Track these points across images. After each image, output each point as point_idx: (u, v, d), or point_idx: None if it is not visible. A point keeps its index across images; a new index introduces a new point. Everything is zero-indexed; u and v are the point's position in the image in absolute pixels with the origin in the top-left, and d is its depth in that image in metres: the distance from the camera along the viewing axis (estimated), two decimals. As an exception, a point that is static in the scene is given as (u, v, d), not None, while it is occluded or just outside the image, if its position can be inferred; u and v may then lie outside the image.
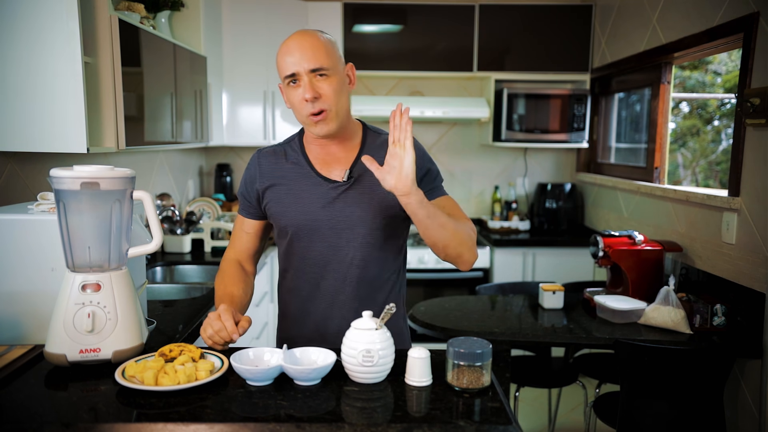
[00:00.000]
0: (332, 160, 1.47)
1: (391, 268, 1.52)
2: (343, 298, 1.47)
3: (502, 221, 3.97)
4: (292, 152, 1.50)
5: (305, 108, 1.36)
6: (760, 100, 2.11)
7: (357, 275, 1.46)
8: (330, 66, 1.36)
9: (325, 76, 1.36)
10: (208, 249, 3.08)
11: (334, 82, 1.37)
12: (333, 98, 1.37)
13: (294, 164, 1.48)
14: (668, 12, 2.88)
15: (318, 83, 1.36)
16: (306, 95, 1.34)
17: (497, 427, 1.04)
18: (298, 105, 1.37)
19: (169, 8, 2.64)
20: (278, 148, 1.52)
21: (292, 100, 1.39)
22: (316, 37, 1.37)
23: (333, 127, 1.39)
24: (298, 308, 1.52)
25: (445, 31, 3.75)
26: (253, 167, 1.51)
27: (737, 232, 2.30)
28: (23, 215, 1.44)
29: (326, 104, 1.36)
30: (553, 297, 2.45)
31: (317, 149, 1.48)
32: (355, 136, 1.49)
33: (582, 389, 2.66)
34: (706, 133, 4.69)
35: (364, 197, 1.44)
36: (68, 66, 1.73)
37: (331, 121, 1.38)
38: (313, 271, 1.47)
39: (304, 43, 1.36)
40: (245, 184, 1.53)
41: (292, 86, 1.38)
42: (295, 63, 1.35)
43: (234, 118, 3.54)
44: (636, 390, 2.04)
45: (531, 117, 3.77)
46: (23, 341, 1.43)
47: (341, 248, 1.45)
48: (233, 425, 1.03)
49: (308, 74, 1.35)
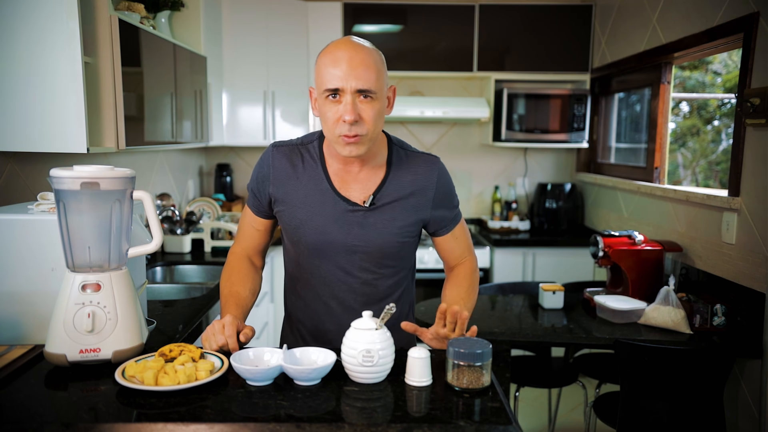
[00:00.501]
0: (352, 180, 1.39)
1: (403, 282, 1.52)
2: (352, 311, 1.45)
3: (502, 221, 3.97)
4: (311, 160, 1.40)
5: (340, 128, 1.26)
6: (760, 100, 2.11)
7: (365, 293, 1.45)
8: (377, 89, 1.27)
9: (370, 99, 1.26)
10: (208, 249, 3.08)
11: (376, 107, 1.28)
12: (372, 124, 1.27)
13: (311, 176, 1.39)
14: (668, 12, 2.88)
15: (361, 105, 1.26)
16: (346, 117, 1.24)
17: (497, 427, 1.04)
18: (333, 122, 1.27)
19: (169, 8, 2.64)
20: (295, 150, 1.42)
21: (327, 115, 1.27)
22: (369, 54, 1.27)
23: (362, 152, 1.30)
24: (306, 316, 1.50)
25: (445, 31, 3.75)
26: (267, 166, 1.42)
27: (737, 232, 2.30)
28: (23, 215, 1.44)
29: (364, 130, 1.27)
30: (553, 297, 2.45)
31: (337, 165, 1.39)
32: (379, 155, 1.40)
33: (582, 389, 2.66)
34: (706, 133, 4.69)
35: (384, 224, 1.39)
36: (68, 66, 1.73)
37: (363, 146, 1.29)
38: (323, 287, 1.45)
39: (356, 59, 1.24)
40: (257, 181, 1.44)
41: (331, 100, 1.26)
42: (341, 78, 1.23)
43: (234, 118, 3.54)
44: (636, 390, 2.04)
45: (531, 117, 3.77)
46: (23, 341, 1.43)
47: (352, 270, 1.43)
48: (233, 425, 1.03)
49: (353, 94, 1.24)
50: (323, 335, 1.48)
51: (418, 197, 1.42)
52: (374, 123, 1.28)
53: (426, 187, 1.42)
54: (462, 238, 1.52)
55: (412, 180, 1.41)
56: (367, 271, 1.43)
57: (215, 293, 2.24)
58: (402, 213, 1.40)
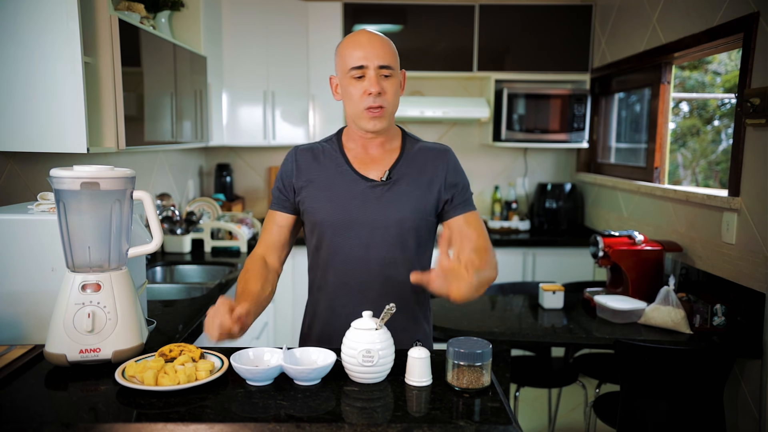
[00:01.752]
0: (370, 161, 1.50)
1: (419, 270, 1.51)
2: (372, 297, 1.46)
3: (502, 221, 3.97)
4: (331, 150, 1.52)
5: (365, 101, 1.40)
6: (760, 100, 2.11)
7: (386, 275, 1.47)
8: (395, 66, 1.43)
9: (390, 77, 1.42)
10: (208, 249, 3.08)
11: (395, 84, 1.44)
12: (392, 98, 1.43)
13: (332, 161, 1.50)
14: (668, 12, 2.88)
15: (383, 81, 1.41)
16: (372, 89, 1.39)
17: (497, 427, 1.04)
18: (359, 98, 1.41)
19: (169, 8, 2.64)
20: (316, 146, 1.54)
21: (352, 93, 1.42)
22: (387, 40, 1.45)
23: (384, 125, 1.44)
24: (327, 306, 1.51)
25: (445, 31, 3.75)
26: (290, 163, 1.52)
27: (737, 232, 2.30)
28: (23, 215, 1.44)
29: (386, 102, 1.41)
30: (553, 297, 2.45)
31: (357, 149, 1.51)
32: (394, 140, 1.53)
33: (582, 389, 2.66)
34: (706, 133, 4.69)
35: (401, 198, 1.46)
36: (68, 66, 1.73)
37: (385, 119, 1.44)
38: (343, 268, 1.48)
39: (375, 41, 1.42)
40: (282, 180, 1.53)
41: (356, 79, 1.41)
42: (365, 57, 1.39)
43: (234, 118, 3.54)
44: (636, 390, 2.04)
45: (531, 117, 3.77)
46: (23, 341, 1.43)
47: (373, 247, 1.46)
48: (233, 425, 1.03)
49: (376, 70, 1.40)
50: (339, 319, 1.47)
51: (432, 176, 1.50)
52: (394, 97, 1.44)
53: (438, 167, 1.51)
54: (477, 226, 1.52)
55: (424, 162, 1.51)
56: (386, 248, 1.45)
57: (215, 293, 2.24)
58: (418, 189, 1.47)
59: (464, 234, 1.50)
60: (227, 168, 3.97)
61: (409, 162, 1.50)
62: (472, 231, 1.51)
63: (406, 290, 1.49)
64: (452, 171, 1.52)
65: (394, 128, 1.54)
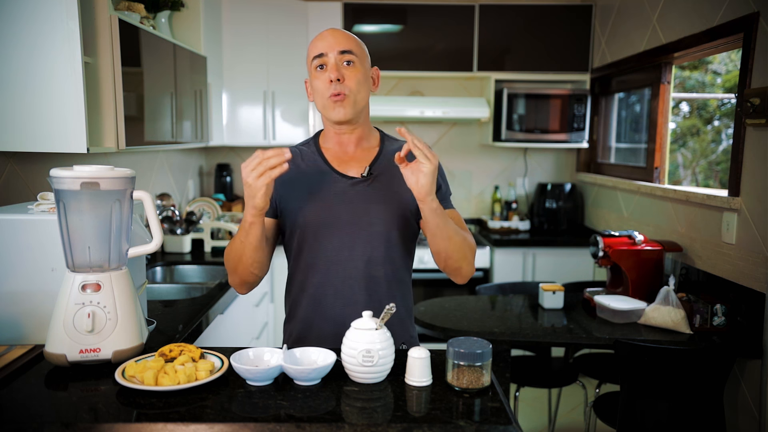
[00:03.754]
0: (349, 159, 1.49)
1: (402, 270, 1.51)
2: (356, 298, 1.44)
3: (502, 221, 3.97)
4: (309, 152, 1.51)
5: (328, 89, 1.39)
6: (760, 100, 2.11)
7: (371, 274, 1.44)
8: (357, 53, 1.42)
9: (352, 64, 1.41)
10: (208, 249, 3.08)
11: (358, 73, 1.41)
12: (355, 85, 1.41)
13: (311, 163, 1.48)
14: (668, 12, 2.88)
15: (343, 69, 1.40)
16: (331, 75, 1.38)
17: (497, 427, 1.04)
18: (323, 88, 1.40)
19: (169, 8, 2.64)
20: (294, 150, 1.51)
21: (317, 86, 1.41)
22: (349, 33, 1.46)
23: (349, 113, 1.42)
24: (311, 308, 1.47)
25: (445, 31, 3.75)
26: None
27: (737, 232, 2.30)
28: (23, 215, 1.44)
29: (347, 88, 1.40)
30: (553, 297, 2.45)
31: (335, 148, 1.50)
32: (372, 140, 1.53)
33: (582, 389, 2.66)
34: (706, 133, 4.69)
35: (381, 195, 1.45)
36: (68, 66, 1.73)
37: (349, 107, 1.41)
38: (326, 268, 1.44)
39: (337, 32, 1.43)
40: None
41: (319, 71, 1.41)
42: (326, 45, 1.40)
43: (234, 118, 3.54)
44: (636, 390, 2.04)
45: (531, 117, 3.77)
46: (23, 341, 1.43)
47: (356, 245, 1.43)
48: (233, 425, 1.03)
49: (336, 56, 1.39)
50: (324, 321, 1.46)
51: None
52: (356, 85, 1.41)
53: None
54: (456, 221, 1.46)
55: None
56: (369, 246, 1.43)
57: (215, 293, 2.24)
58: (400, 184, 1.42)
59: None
60: (227, 168, 3.97)
61: (389, 158, 1.48)
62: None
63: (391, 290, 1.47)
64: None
65: (369, 127, 1.52)
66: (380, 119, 3.80)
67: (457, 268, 1.42)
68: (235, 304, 2.48)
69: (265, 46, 3.57)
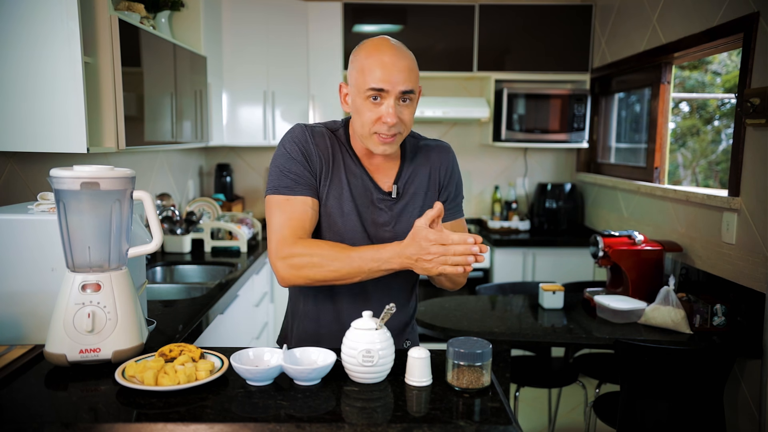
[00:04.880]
0: (375, 169, 1.41)
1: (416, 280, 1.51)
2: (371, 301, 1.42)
3: (502, 221, 3.97)
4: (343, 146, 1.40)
5: (378, 127, 1.29)
6: (760, 100, 2.11)
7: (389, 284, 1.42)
8: (416, 91, 1.33)
9: (409, 102, 1.31)
10: (208, 249, 3.08)
11: (413, 108, 1.33)
12: (409, 125, 1.33)
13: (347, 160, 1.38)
14: (668, 12, 2.88)
15: (401, 108, 1.30)
16: (389, 119, 1.27)
17: (497, 427, 1.04)
18: (371, 122, 1.29)
19: (169, 8, 2.64)
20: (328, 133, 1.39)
21: (365, 113, 1.30)
22: (410, 58, 1.32)
23: (395, 150, 1.35)
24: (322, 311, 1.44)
25: (445, 31, 3.75)
26: (307, 143, 1.35)
27: (737, 232, 2.30)
28: (23, 215, 1.44)
29: (402, 128, 1.32)
30: (553, 297, 2.45)
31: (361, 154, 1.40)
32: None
33: (582, 389, 2.66)
34: (706, 133, 4.69)
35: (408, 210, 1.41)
36: (68, 66, 1.73)
37: (396, 145, 1.34)
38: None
39: (401, 62, 1.28)
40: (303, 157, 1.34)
41: (372, 101, 1.29)
42: (388, 81, 1.27)
43: (234, 118, 3.54)
44: (636, 390, 2.04)
45: (531, 117, 3.77)
46: (23, 341, 1.43)
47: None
48: (233, 425, 1.03)
49: (397, 96, 1.28)
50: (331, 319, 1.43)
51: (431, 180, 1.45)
52: (410, 123, 1.34)
53: (436, 170, 1.45)
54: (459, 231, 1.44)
55: (424, 164, 1.45)
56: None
57: (215, 293, 2.24)
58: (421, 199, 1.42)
59: None
60: (227, 168, 3.97)
61: (410, 169, 1.43)
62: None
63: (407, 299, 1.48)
64: (448, 174, 1.46)
65: None
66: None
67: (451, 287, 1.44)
68: (235, 304, 2.48)
69: (265, 46, 3.57)
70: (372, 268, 1.25)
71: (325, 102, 3.77)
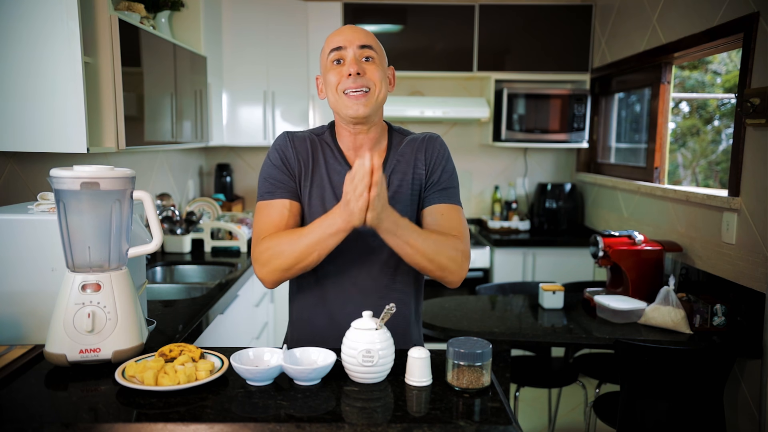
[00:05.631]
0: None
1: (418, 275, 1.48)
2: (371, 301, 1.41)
3: (502, 221, 3.97)
4: (326, 144, 1.42)
5: (344, 83, 1.32)
6: (760, 100, 2.11)
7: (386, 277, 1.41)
8: (377, 50, 1.36)
9: (371, 60, 1.34)
10: (208, 249, 3.08)
11: (379, 69, 1.35)
12: (378, 81, 1.34)
13: (329, 156, 1.40)
14: (668, 12, 2.88)
15: (363, 64, 1.33)
16: (350, 69, 1.31)
17: (497, 427, 1.04)
18: (336, 82, 1.33)
19: (169, 8, 2.64)
20: (311, 136, 1.43)
21: (332, 80, 1.34)
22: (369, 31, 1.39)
23: (368, 111, 1.34)
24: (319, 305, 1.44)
25: (445, 31, 3.75)
26: (287, 148, 1.40)
27: (737, 232, 2.30)
28: (23, 215, 1.44)
29: (370, 82, 1.33)
30: (553, 297, 2.45)
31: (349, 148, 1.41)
32: (383, 138, 1.45)
33: (582, 389, 2.66)
34: (706, 133, 4.69)
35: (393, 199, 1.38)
36: (68, 66, 1.73)
37: (369, 105, 1.33)
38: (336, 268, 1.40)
39: (355, 27, 1.37)
40: (282, 164, 1.39)
41: (335, 65, 1.34)
42: (344, 39, 1.33)
43: (234, 118, 3.54)
44: (636, 390, 2.04)
45: (531, 117, 3.77)
46: (23, 341, 1.43)
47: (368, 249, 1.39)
48: (233, 425, 1.03)
49: (355, 50, 1.33)
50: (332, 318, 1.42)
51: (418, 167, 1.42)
52: (379, 81, 1.34)
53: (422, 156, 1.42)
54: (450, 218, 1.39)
55: (411, 154, 1.43)
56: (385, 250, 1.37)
57: (215, 293, 2.24)
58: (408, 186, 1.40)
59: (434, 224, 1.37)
60: (227, 168, 3.97)
61: (397, 158, 1.42)
62: (445, 223, 1.37)
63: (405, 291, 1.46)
64: (435, 157, 1.42)
65: (383, 126, 1.45)
66: (380, 119, 3.80)
67: (439, 277, 1.35)
68: (235, 304, 2.48)
69: (265, 47, 3.57)
70: (321, 235, 1.26)
71: (325, 102, 3.77)
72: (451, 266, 1.33)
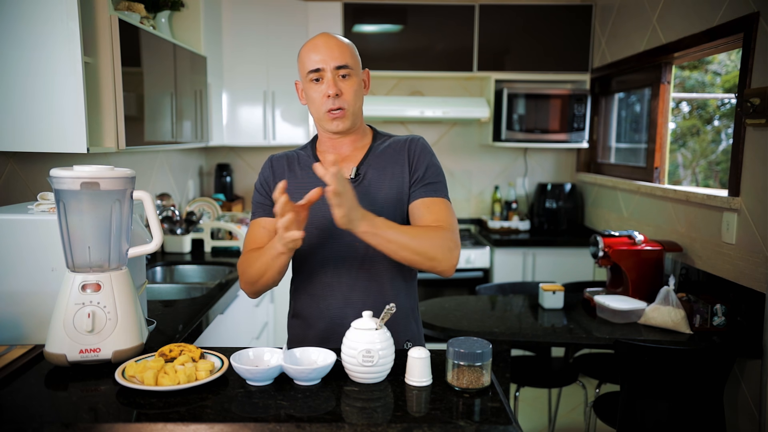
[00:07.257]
0: (343, 160, 1.50)
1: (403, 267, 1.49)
2: (357, 295, 1.45)
3: (502, 221, 3.97)
4: (306, 157, 1.53)
5: (325, 104, 1.42)
6: (760, 100, 2.11)
7: (369, 271, 1.45)
8: (353, 66, 1.44)
9: (348, 77, 1.43)
10: (208, 249, 3.08)
11: (354, 84, 1.44)
12: (352, 98, 1.44)
13: (307, 168, 1.50)
14: (668, 12, 2.88)
15: (340, 82, 1.42)
16: (329, 91, 1.40)
17: (497, 427, 1.04)
18: (319, 101, 1.43)
19: (169, 8, 2.64)
20: (291, 153, 1.56)
21: (313, 96, 1.44)
22: (341, 39, 1.46)
23: (347, 125, 1.45)
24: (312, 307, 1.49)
25: (445, 31, 3.75)
26: (267, 171, 1.54)
27: (737, 232, 2.30)
28: (23, 215, 1.44)
29: (345, 103, 1.43)
30: (553, 297, 2.45)
31: (329, 151, 1.51)
32: (364, 138, 1.54)
33: (582, 389, 2.66)
34: (706, 133, 4.69)
35: (371, 191, 1.45)
36: (68, 66, 1.73)
37: (347, 120, 1.44)
38: (325, 269, 1.46)
39: (331, 42, 1.43)
40: (261, 188, 1.52)
41: (314, 83, 1.43)
42: (322, 60, 1.41)
43: (234, 118, 3.54)
44: (636, 390, 2.04)
45: (531, 117, 3.77)
46: (23, 341, 1.43)
47: (352, 244, 1.43)
48: (233, 425, 1.03)
49: (333, 71, 1.41)
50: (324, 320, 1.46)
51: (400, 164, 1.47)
52: (353, 97, 1.44)
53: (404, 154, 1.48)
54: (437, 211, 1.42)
55: (392, 153, 1.49)
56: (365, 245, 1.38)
57: (215, 293, 2.24)
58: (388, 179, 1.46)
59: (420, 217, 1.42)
60: (227, 168, 3.97)
61: (377, 156, 1.48)
62: (429, 215, 1.41)
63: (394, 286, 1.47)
64: (417, 155, 1.47)
65: (363, 127, 1.54)
66: (380, 119, 3.80)
67: (429, 268, 1.36)
68: (235, 304, 2.48)
69: (265, 47, 3.57)
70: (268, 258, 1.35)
71: (325, 102, 3.76)
72: (438, 255, 1.34)
